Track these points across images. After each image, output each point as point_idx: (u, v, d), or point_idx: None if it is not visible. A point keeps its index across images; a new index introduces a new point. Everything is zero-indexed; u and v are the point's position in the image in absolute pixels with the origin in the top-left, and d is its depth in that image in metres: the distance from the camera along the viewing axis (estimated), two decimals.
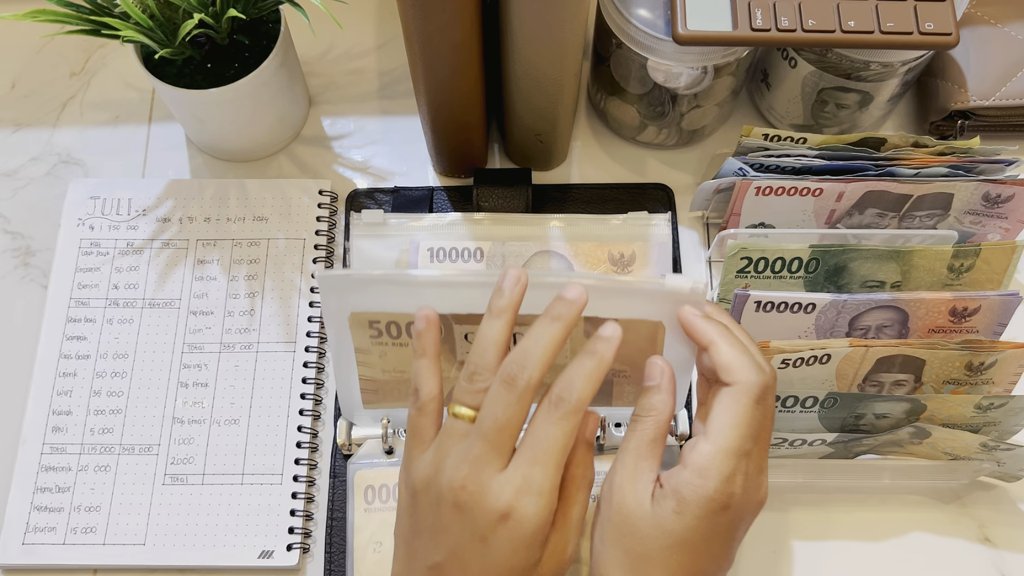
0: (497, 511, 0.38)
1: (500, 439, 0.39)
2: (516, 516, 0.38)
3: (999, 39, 0.61)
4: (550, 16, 0.48)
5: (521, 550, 0.39)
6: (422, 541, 0.41)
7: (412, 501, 0.41)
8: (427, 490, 0.40)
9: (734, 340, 0.41)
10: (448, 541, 0.39)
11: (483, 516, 0.38)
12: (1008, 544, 0.54)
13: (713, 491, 0.39)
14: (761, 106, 0.64)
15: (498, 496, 0.38)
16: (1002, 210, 0.56)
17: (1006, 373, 0.51)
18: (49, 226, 0.63)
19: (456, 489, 0.39)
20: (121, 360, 0.58)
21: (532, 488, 0.38)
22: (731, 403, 0.40)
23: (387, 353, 0.47)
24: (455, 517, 0.39)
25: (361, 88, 0.67)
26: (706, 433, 0.40)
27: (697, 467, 0.39)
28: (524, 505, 0.38)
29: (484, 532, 0.39)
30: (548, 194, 0.63)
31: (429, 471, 0.40)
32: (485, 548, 0.39)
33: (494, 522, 0.38)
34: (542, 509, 0.38)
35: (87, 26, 0.53)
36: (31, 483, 0.55)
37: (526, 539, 0.38)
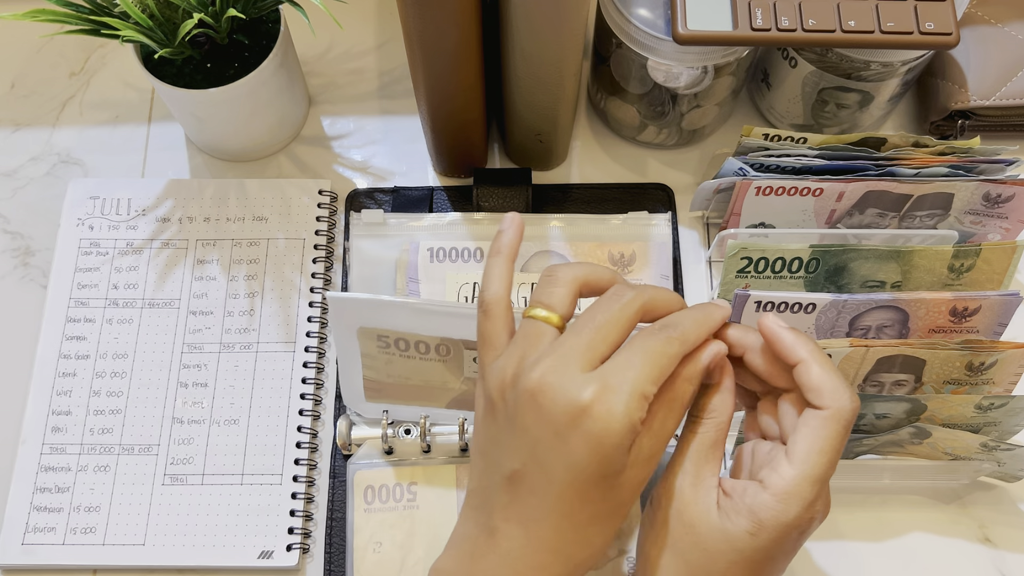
0: (579, 406, 0.35)
1: (594, 341, 0.37)
2: (599, 413, 0.35)
3: (999, 39, 0.61)
4: (550, 16, 0.48)
5: (604, 452, 0.36)
6: (500, 449, 0.38)
7: (489, 408, 0.39)
8: (504, 393, 0.38)
9: (824, 360, 0.39)
10: (526, 444, 0.37)
11: (564, 411, 0.36)
12: (1008, 544, 0.54)
13: (794, 517, 0.38)
14: (761, 106, 0.64)
15: (581, 389, 0.36)
16: (1002, 210, 0.56)
17: (1006, 373, 0.51)
18: (49, 226, 0.63)
19: (535, 385, 0.36)
20: (121, 360, 0.58)
21: (622, 387, 0.36)
22: (820, 428, 0.38)
23: (393, 362, 0.47)
24: (534, 417, 0.36)
25: (361, 88, 0.67)
26: (790, 455, 0.38)
27: (779, 492, 0.38)
28: (610, 402, 0.35)
29: (564, 430, 0.36)
30: (548, 194, 0.63)
31: (507, 373, 0.38)
32: (565, 448, 0.36)
33: (575, 417, 0.36)
34: (631, 410, 0.36)
35: (87, 26, 0.53)
36: (31, 483, 0.55)
37: (610, 441, 0.36)
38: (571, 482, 0.37)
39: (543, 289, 0.39)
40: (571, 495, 0.37)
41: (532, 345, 0.38)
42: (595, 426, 0.36)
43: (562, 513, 0.37)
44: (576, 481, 0.37)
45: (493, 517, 0.38)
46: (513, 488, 0.38)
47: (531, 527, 0.37)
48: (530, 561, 0.37)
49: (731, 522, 0.38)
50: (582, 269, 0.40)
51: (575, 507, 0.37)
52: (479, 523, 0.39)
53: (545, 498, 0.37)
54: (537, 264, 0.59)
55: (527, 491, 0.37)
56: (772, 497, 0.38)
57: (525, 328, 0.39)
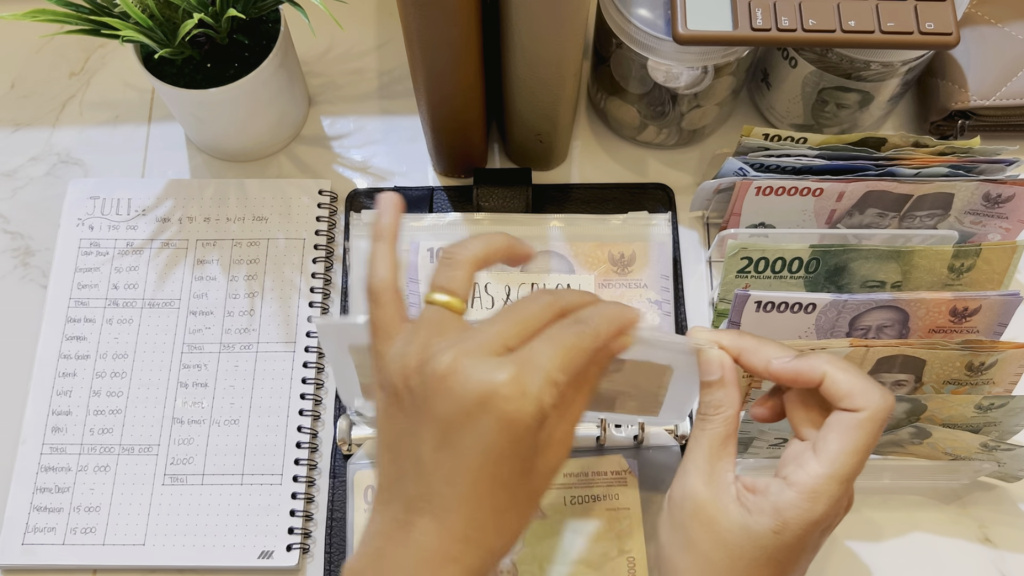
0: (491, 387, 0.34)
1: (506, 331, 0.36)
2: (511, 394, 0.34)
3: (999, 39, 0.61)
4: (550, 16, 0.48)
5: (516, 434, 0.35)
6: (408, 439, 0.37)
7: (393, 398, 0.37)
8: (409, 380, 0.37)
9: (845, 364, 0.39)
10: (436, 430, 0.36)
11: (476, 393, 0.35)
12: (1008, 544, 0.54)
13: (820, 515, 0.38)
14: (761, 106, 0.64)
15: (494, 371, 0.35)
16: (1002, 210, 0.56)
17: (1006, 373, 0.51)
18: (48, 226, 0.63)
19: (446, 369, 0.35)
20: (121, 360, 0.58)
21: (535, 371, 0.35)
22: (855, 429, 0.38)
23: None
24: (444, 401, 0.35)
25: (361, 88, 0.67)
26: (819, 454, 0.38)
27: (807, 490, 0.38)
28: (522, 384, 0.35)
29: (476, 411, 0.35)
30: (548, 194, 0.63)
31: (410, 360, 0.37)
32: (477, 431, 0.35)
33: (487, 399, 0.34)
34: (542, 393, 0.35)
35: (87, 26, 0.53)
36: (31, 483, 0.55)
37: (522, 422, 0.35)
38: (484, 466, 0.35)
39: (442, 272, 0.38)
40: (485, 480, 0.36)
41: (436, 331, 0.37)
42: (508, 407, 0.34)
43: (476, 500, 0.36)
44: (489, 465, 0.35)
45: (404, 510, 0.37)
46: (424, 478, 0.36)
47: (444, 517, 0.36)
48: (444, 552, 0.36)
49: (754, 520, 0.38)
50: (478, 245, 0.39)
51: (490, 493, 0.36)
52: (389, 518, 0.37)
53: (458, 485, 0.36)
54: (537, 264, 0.59)
55: (439, 479, 0.36)
56: (798, 495, 0.38)
57: (427, 314, 0.38)
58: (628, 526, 0.52)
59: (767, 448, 0.52)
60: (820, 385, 0.39)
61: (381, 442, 0.39)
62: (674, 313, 0.59)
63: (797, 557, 0.39)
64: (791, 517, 0.38)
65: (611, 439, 0.54)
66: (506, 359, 0.35)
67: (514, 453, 0.35)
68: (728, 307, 0.54)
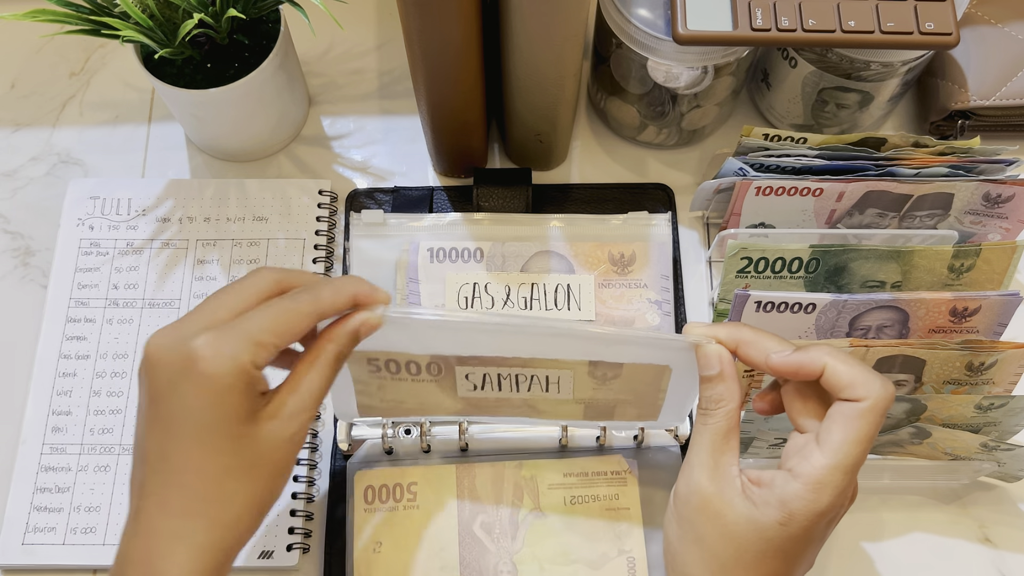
0: (186, 355, 0.36)
1: (212, 306, 0.38)
2: (205, 356, 0.36)
3: (999, 39, 0.61)
4: (550, 16, 0.48)
5: (216, 394, 0.36)
6: (138, 429, 0.39)
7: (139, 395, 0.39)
8: (139, 375, 0.39)
9: (844, 356, 0.40)
10: (151, 411, 0.37)
11: (173, 363, 0.37)
12: (1008, 544, 0.54)
13: (826, 506, 0.38)
14: (761, 106, 0.64)
15: (189, 340, 0.36)
16: (1002, 210, 0.56)
17: (1006, 373, 0.51)
18: (49, 226, 0.63)
19: (149, 350, 0.37)
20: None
21: (231, 332, 0.37)
22: (857, 418, 0.38)
23: (386, 386, 0.47)
24: (151, 380, 0.37)
25: (361, 88, 0.67)
26: (823, 445, 0.38)
27: (812, 481, 0.38)
28: (216, 346, 0.36)
29: (176, 379, 0.36)
30: (548, 194, 0.63)
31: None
32: (179, 399, 0.36)
33: (185, 367, 0.36)
34: (238, 351, 0.36)
35: (87, 26, 0.53)
36: (31, 483, 0.55)
37: (221, 382, 0.36)
38: (191, 433, 0.36)
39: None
40: (193, 446, 0.36)
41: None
42: (204, 368, 0.36)
43: (189, 468, 0.37)
44: (196, 430, 0.36)
45: (136, 498, 0.38)
46: (143, 460, 0.38)
47: (164, 494, 0.37)
48: (168, 531, 0.36)
49: (760, 512, 0.38)
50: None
51: (202, 459, 0.37)
52: (128, 514, 0.38)
53: (169, 459, 0.37)
54: (537, 264, 0.59)
55: (154, 456, 0.37)
56: (804, 486, 0.38)
57: None
58: (628, 526, 0.52)
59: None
60: (820, 377, 0.40)
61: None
62: (674, 313, 0.59)
63: (804, 548, 0.39)
64: (797, 509, 0.38)
65: (611, 439, 0.54)
66: (206, 330, 0.37)
67: (220, 415, 0.36)
68: (728, 307, 0.54)
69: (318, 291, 0.40)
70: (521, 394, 0.47)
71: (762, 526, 0.38)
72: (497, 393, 0.47)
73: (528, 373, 0.45)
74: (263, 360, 0.38)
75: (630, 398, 0.47)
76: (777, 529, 0.38)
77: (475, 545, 0.52)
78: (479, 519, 0.53)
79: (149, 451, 0.37)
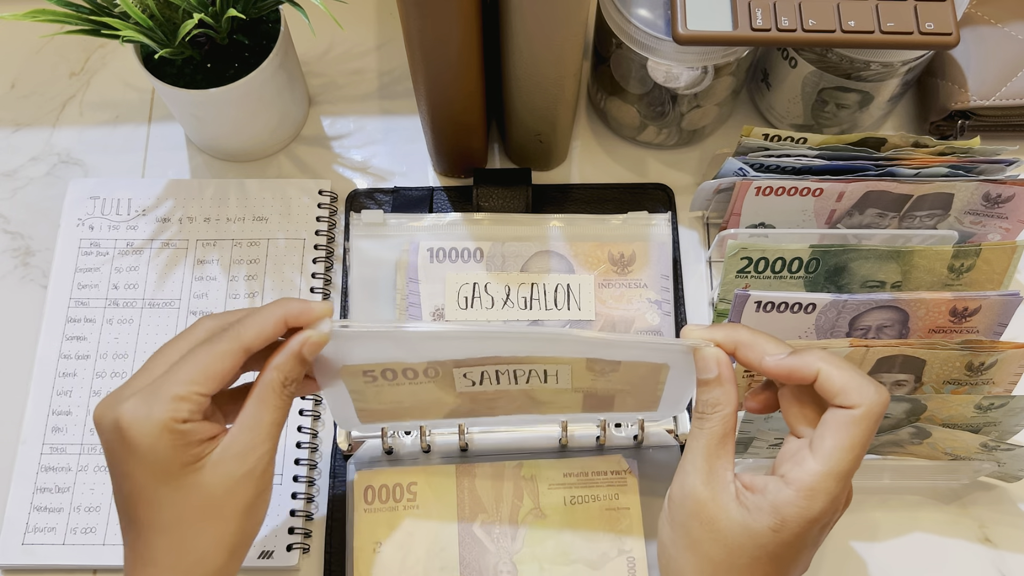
0: (115, 422, 0.38)
1: (150, 364, 0.40)
2: (128, 422, 0.38)
3: (999, 39, 0.61)
4: (550, 16, 0.48)
5: (143, 455, 0.38)
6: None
7: None
8: None
9: (839, 361, 0.40)
10: (113, 478, 0.40)
11: (109, 431, 0.39)
12: (1008, 544, 0.54)
13: (819, 512, 0.38)
14: (761, 106, 0.64)
15: (116, 407, 0.38)
16: (1002, 210, 0.56)
17: (1006, 373, 0.51)
18: (49, 226, 0.63)
19: (95, 413, 0.40)
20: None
21: (152, 393, 0.38)
22: (850, 425, 0.38)
23: (383, 391, 0.47)
24: (103, 447, 0.40)
25: (361, 88, 0.67)
26: (816, 451, 0.38)
27: (805, 488, 0.38)
28: (136, 410, 0.38)
29: (114, 447, 0.39)
30: (548, 194, 0.63)
31: None
32: (118, 466, 0.39)
33: (117, 433, 0.38)
34: (157, 412, 0.38)
35: (87, 26, 0.53)
36: (31, 483, 0.55)
37: (145, 443, 0.38)
38: (136, 491, 0.39)
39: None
40: (140, 504, 0.39)
41: None
42: (129, 435, 0.38)
43: (144, 523, 0.39)
44: (140, 489, 0.39)
45: (124, 548, 0.41)
46: (120, 517, 0.40)
47: (136, 546, 0.39)
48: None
49: (753, 518, 0.38)
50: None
51: (152, 514, 0.39)
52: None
53: (129, 514, 0.39)
54: (537, 264, 0.59)
55: (122, 514, 0.40)
56: (796, 493, 0.38)
57: None
58: (628, 526, 0.52)
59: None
60: (814, 382, 0.39)
61: None
62: (674, 313, 0.59)
63: (797, 554, 0.39)
64: (790, 515, 0.38)
65: (611, 439, 0.54)
66: (135, 393, 0.39)
67: (155, 473, 0.38)
68: (728, 307, 0.54)
69: (240, 327, 0.40)
70: (520, 386, 0.47)
71: (755, 532, 0.38)
72: (496, 386, 0.47)
73: (526, 368, 0.45)
74: (188, 412, 0.38)
75: (629, 389, 0.48)
76: (770, 535, 0.38)
77: (475, 545, 0.52)
78: (479, 519, 0.53)
79: (117, 507, 0.40)
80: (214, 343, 0.40)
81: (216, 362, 0.39)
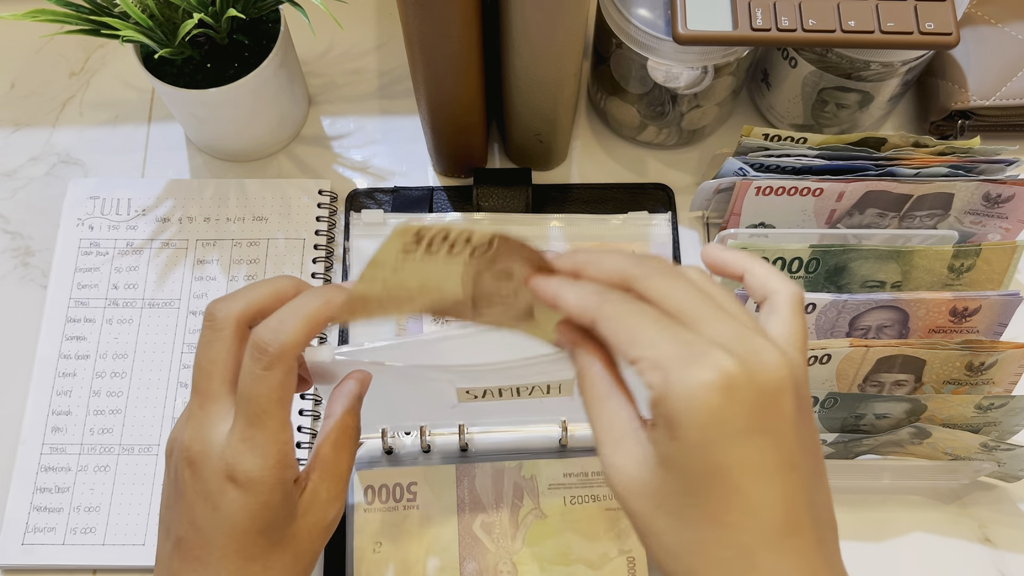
0: (223, 471, 0.36)
1: (208, 387, 0.37)
2: (242, 477, 0.36)
3: (999, 39, 0.61)
4: (550, 16, 0.48)
5: (257, 511, 0.36)
6: (170, 512, 0.39)
7: (165, 467, 0.40)
8: (170, 454, 0.39)
9: (762, 262, 0.37)
10: (185, 509, 0.37)
11: (212, 477, 0.36)
12: (1009, 544, 0.54)
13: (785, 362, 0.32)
14: (761, 106, 0.64)
15: (221, 455, 0.36)
16: (1002, 210, 0.56)
17: (1006, 373, 0.51)
18: (48, 226, 0.63)
19: (186, 449, 0.37)
20: (121, 360, 0.58)
21: (254, 448, 0.36)
22: (788, 309, 0.35)
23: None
24: (191, 481, 0.37)
25: (361, 88, 0.67)
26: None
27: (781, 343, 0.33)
28: (248, 467, 0.36)
29: (215, 495, 0.36)
30: (548, 194, 0.63)
31: (173, 433, 0.39)
32: (218, 513, 0.36)
33: (222, 483, 0.36)
34: (268, 470, 0.36)
35: (87, 26, 0.53)
36: (30, 483, 0.55)
37: (259, 500, 0.36)
38: (229, 544, 0.37)
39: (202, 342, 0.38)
40: (233, 556, 0.37)
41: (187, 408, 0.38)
42: (243, 491, 0.36)
43: (223, 571, 0.37)
44: (234, 543, 0.37)
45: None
46: (180, 555, 0.38)
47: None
48: None
49: (654, 444, 0.31)
50: (239, 303, 0.38)
51: (241, 567, 0.37)
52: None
53: (208, 564, 0.37)
54: None
55: (192, 557, 0.37)
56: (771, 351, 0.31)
57: None
58: (628, 526, 0.52)
59: None
60: (743, 279, 0.37)
61: (160, 508, 0.40)
62: None
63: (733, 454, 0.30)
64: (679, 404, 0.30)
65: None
66: (228, 439, 0.37)
67: (257, 527, 0.37)
68: None
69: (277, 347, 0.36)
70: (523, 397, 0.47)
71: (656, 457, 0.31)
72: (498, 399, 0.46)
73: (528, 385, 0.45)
74: (295, 458, 0.37)
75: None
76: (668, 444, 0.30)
77: (475, 545, 0.52)
78: (479, 519, 0.53)
79: (188, 551, 0.37)
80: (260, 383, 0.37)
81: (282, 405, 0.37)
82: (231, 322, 0.37)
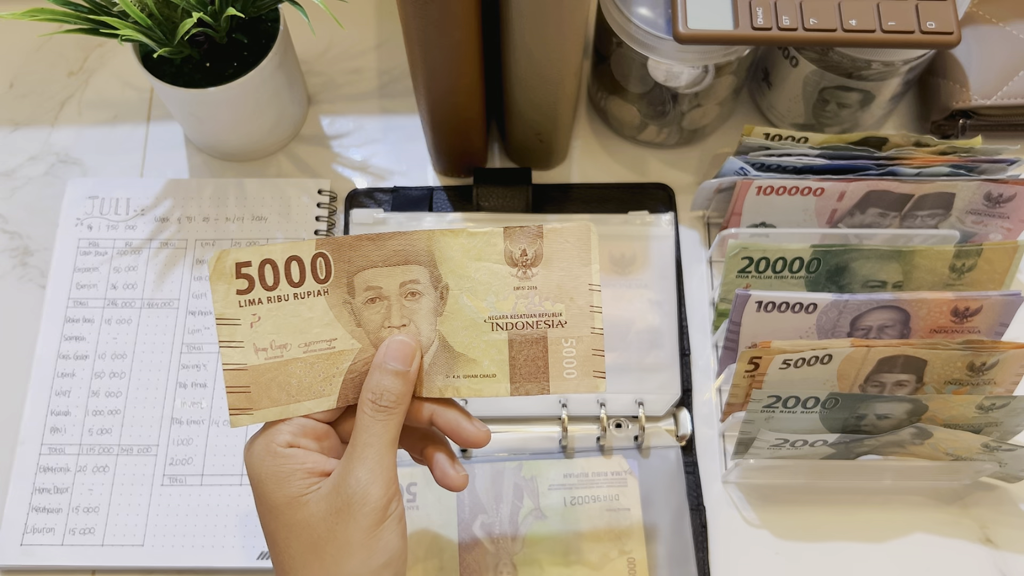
0: (347, 500, 0.38)
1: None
2: (363, 505, 0.39)
3: (1001, 38, 0.61)
4: (550, 15, 0.48)
5: (370, 526, 0.38)
6: (272, 523, 0.41)
7: None
8: None
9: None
10: (285, 529, 0.39)
11: (336, 506, 0.39)
12: (1010, 545, 0.54)
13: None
14: (762, 105, 0.64)
15: (345, 484, 0.39)
16: (1004, 210, 0.56)
17: (1008, 373, 0.51)
18: (47, 226, 0.62)
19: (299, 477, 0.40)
20: (119, 360, 0.58)
21: (379, 474, 0.39)
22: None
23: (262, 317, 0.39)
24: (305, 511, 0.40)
25: (361, 87, 0.67)
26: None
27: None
28: (369, 493, 0.38)
29: (339, 517, 0.39)
30: (548, 194, 0.63)
31: None
32: (336, 536, 0.39)
33: (345, 508, 0.38)
34: (384, 493, 0.39)
35: (86, 25, 0.53)
36: (29, 484, 0.55)
37: (374, 517, 0.38)
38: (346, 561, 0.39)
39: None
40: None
41: None
42: (364, 510, 0.38)
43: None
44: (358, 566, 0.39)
45: None
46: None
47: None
48: None
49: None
50: None
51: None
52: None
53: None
54: None
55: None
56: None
57: None
58: (628, 526, 0.52)
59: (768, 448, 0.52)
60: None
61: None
62: (675, 313, 0.59)
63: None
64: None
65: (611, 440, 0.54)
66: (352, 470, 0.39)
67: (380, 549, 0.39)
68: (729, 307, 0.54)
69: (395, 396, 0.40)
70: None
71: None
72: None
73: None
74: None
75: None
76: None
77: (475, 545, 0.52)
78: (479, 519, 0.52)
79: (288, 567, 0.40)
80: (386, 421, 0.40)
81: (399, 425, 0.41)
82: None
